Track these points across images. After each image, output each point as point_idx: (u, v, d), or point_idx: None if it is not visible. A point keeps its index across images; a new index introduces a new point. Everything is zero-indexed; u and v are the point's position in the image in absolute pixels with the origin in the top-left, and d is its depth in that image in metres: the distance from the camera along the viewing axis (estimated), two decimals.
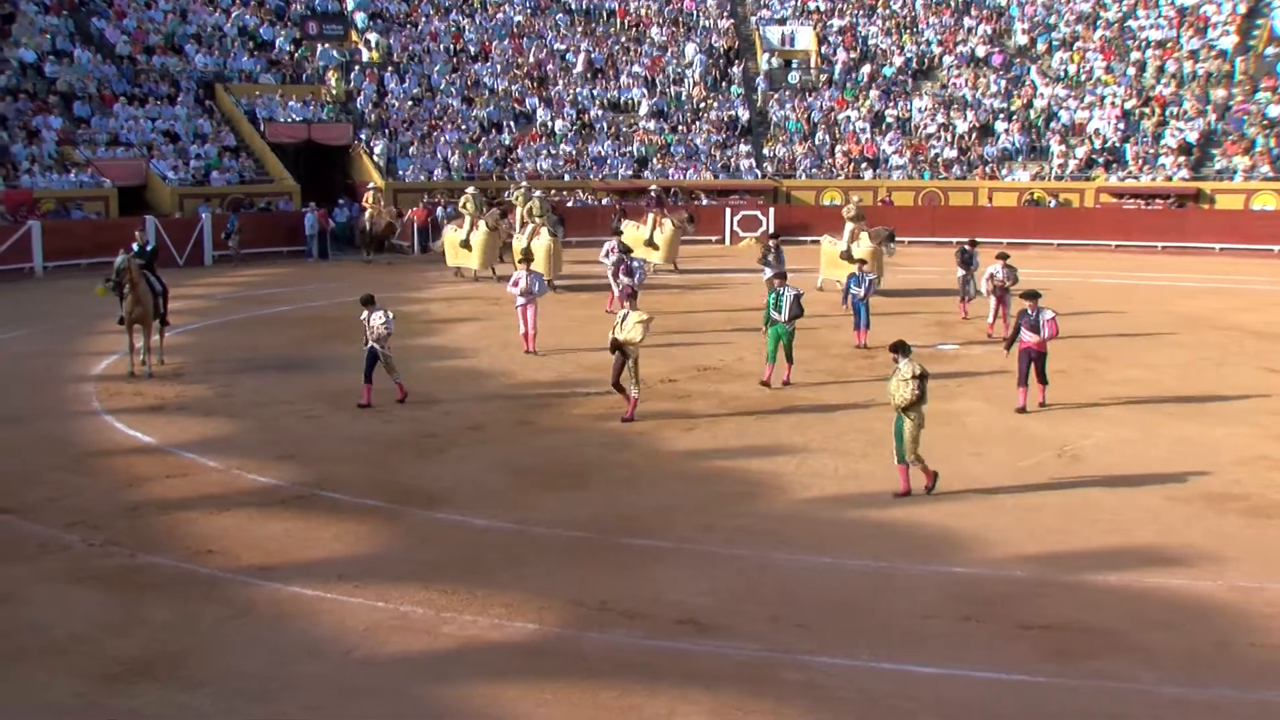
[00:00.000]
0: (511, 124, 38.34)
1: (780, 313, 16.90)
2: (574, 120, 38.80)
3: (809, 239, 32.61)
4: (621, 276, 21.28)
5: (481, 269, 27.66)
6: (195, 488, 12.85)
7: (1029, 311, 15.59)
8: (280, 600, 9.84)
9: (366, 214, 31.72)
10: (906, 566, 10.57)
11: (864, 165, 37.99)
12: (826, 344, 19.97)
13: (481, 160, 36.51)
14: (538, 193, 28.09)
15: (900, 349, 12.31)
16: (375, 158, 35.28)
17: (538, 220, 26.08)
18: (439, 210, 32.89)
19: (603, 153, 37.86)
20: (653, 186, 31.21)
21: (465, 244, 27.65)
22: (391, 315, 16.10)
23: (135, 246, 19.14)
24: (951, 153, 37.78)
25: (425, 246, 32.75)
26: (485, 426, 15.17)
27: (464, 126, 37.55)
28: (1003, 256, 20.54)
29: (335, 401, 16.42)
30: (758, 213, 35.53)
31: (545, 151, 37.48)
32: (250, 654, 8.86)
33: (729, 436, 14.78)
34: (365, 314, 15.96)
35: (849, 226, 24.73)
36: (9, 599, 9.78)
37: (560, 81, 40.03)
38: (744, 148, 38.63)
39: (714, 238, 34.96)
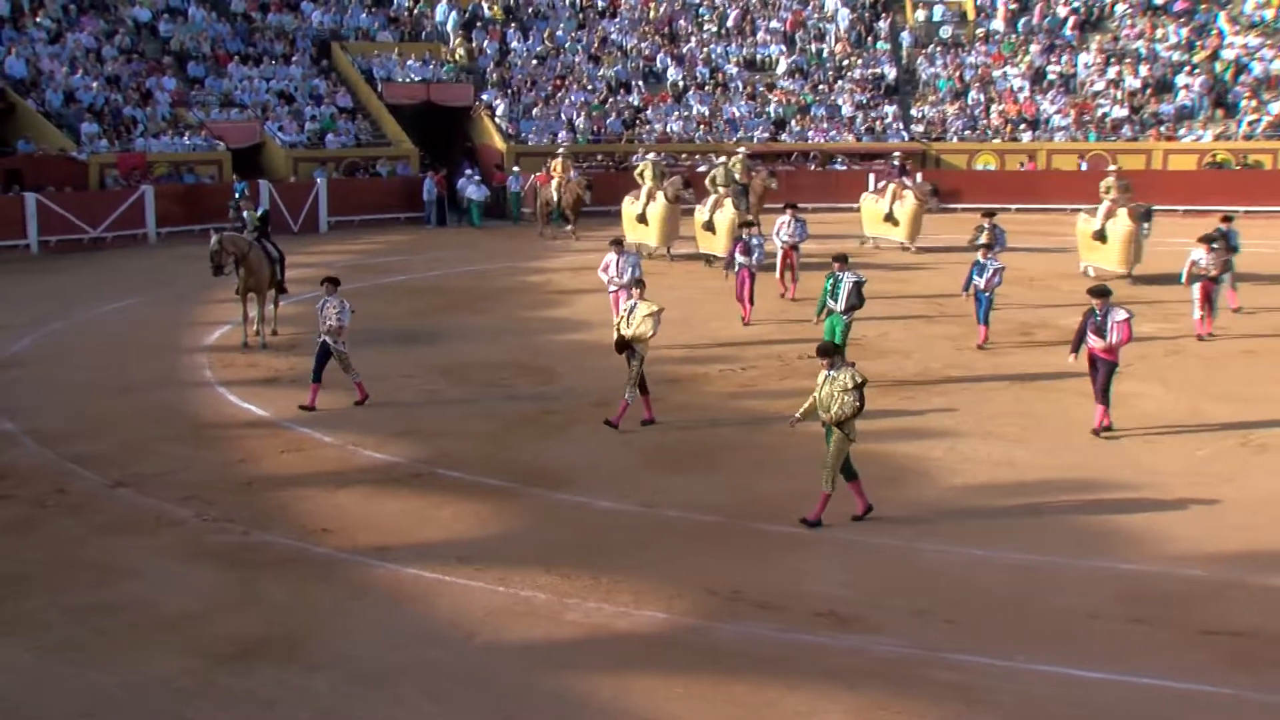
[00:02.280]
0: (641, 83, 38.36)
1: (837, 302, 15.82)
2: (707, 79, 38.64)
3: (960, 207, 32.01)
4: (738, 256, 19.99)
5: (661, 245, 26.11)
6: (310, 464, 13.18)
7: (1096, 311, 13.72)
8: (398, 582, 10.04)
9: (553, 183, 29.86)
10: (1067, 561, 10.32)
11: (1022, 126, 37.08)
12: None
13: (608, 122, 36.61)
14: (725, 159, 27.29)
15: (829, 352, 11.23)
16: (497, 119, 35.65)
17: (721, 191, 24.94)
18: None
19: (737, 114, 37.64)
20: (896, 153, 29.96)
21: (642, 218, 26.13)
22: (350, 306, 15.24)
23: (246, 214, 19.67)
24: (1121, 111, 36.63)
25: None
26: (611, 404, 15.18)
27: (590, 86, 37.68)
28: (1209, 239, 18.39)
29: (455, 375, 16.69)
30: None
31: (676, 113, 37.42)
32: (367, 637, 9.07)
33: (870, 418, 14.51)
34: (321, 299, 15.20)
35: (1105, 202, 23.24)
36: (124, 573, 10.17)
37: (693, 38, 39.88)
38: (890, 108, 38.03)
39: (856, 204, 34.49)
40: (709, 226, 24.60)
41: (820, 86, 38.83)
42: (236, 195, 28.79)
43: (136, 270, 25.54)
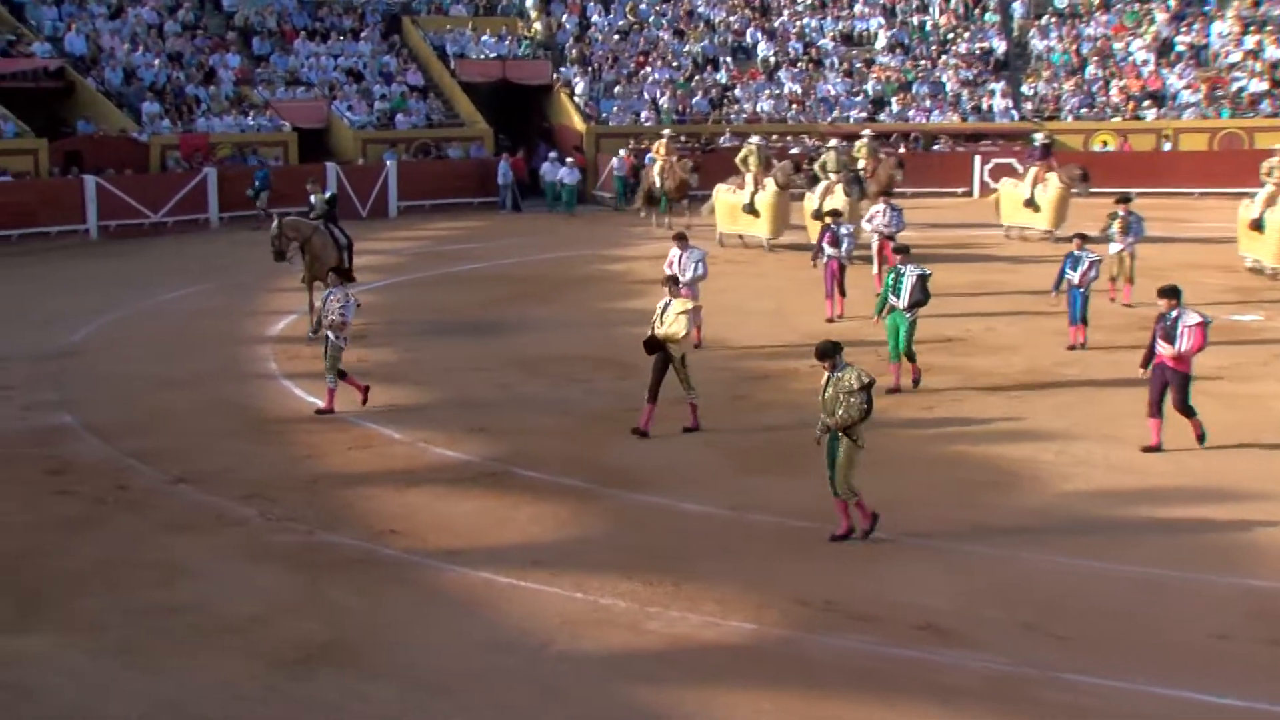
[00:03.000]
0: (729, 60, 38.30)
1: (899, 298, 15.30)
2: (800, 55, 38.45)
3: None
4: (826, 247, 19.54)
5: (774, 236, 25.83)
6: (378, 461, 13.34)
7: (1165, 315, 12.99)
8: (469, 586, 10.13)
9: (656, 166, 29.38)
10: (1193, 576, 10.13)
11: (1146, 103, 36.44)
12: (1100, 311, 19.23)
13: (694, 101, 36.61)
14: (835, 142, 26.62)
15: (830, 353, 10.90)
16: (577, 98, 35.79)
17: (833, 177, 24.57)
18: (648, 158, 33.12)
19: (833, 92, 37.45)
20: (1038, 134, 29.39)
21: (750, 208, 25.73)
22: (355, 300, 15.19)
23: (313, 198, 19.96)
24: (1260, 85, 35.80)
25: (629, 199, 33.04)
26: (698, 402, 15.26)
27: (675, 63, 37.71)
28: None
29: (530, 369, 16.80)
30: (1014, 160, 34.52)
31: (766, 91, 37.30)
32: (436, 644, 9.15)
33: (975, 418, 14.47)
34: (326, 291, 15.18)
35: (1268, 186, 22.38)
36: (185, 573, 10.38)
37: (785, 11, 39.72)
38: (998, 85, 37.57)
39: (960, 189, 34.20)
40: (818, 215, 24.19)
41: (922, 62, 38.48)
42: (256, 184, 29.26)
43: (198, 256, 26.07)
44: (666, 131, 31.16)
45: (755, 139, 27.57)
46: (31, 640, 9.11)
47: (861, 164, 25.83)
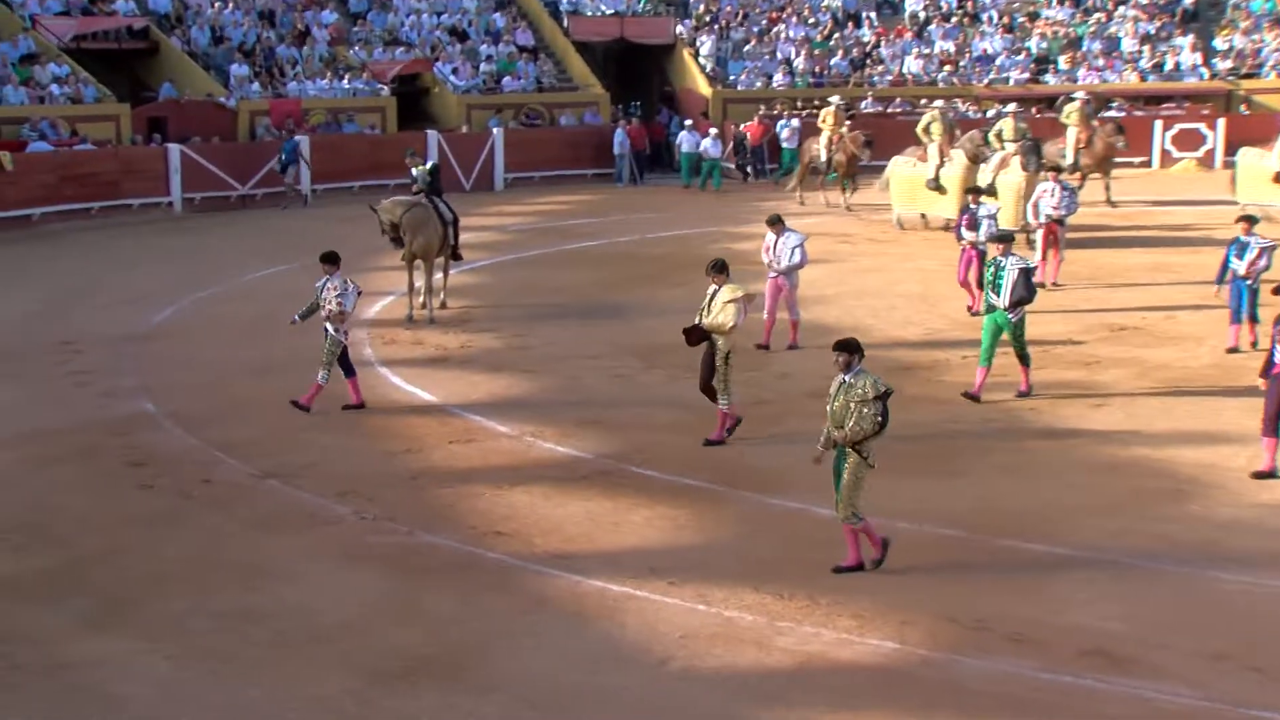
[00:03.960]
0: (873, 15, 37.99)
1: (999, 295, 14.77)
2: (954, 9, 38.00)
3: None
4: (963, 231, 18.86)
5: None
6: (482, 456, 13.51)
7: None
8: (580, 595, 10.20)
9: (822, 137, 28.82)
10: None
11: None
12: None
13: (832, 62, 36.40)
14: (1011, 107, 26.13)
15: (851, 349, 10.51)
16: (702, 59, 35.79)
17: (1009, 147, 23.62)
18: (779, 126, 33.04)
19: (990, 51, 36.92)
20: None
21: (935, 184, 24.70)
22: (355, 288, 15.03)
23: (414, 170, 20.21)
24: None
25: (758, 170, 32.99)
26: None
27: (812, 19, 37.52)
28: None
29: (649, 357, 16.88)
30: (1201, 125, 33.77)
31: (915, 50, 36.92)
32: (545, 657, 9.24)
33: (1152, 417, 14.24)
34: (321, 279, 15.05)
35: None
36: (274, 575, 10.61)
37: None
38: (1185, 39, 36.73)
39: (1138, 159, 33.52)
40: (991, 191, 23.56)
41: (1095, 15, 37.76)
42: (283, 156, 29.39)
43: (288, 231, 26.62)
44: (835, 99, 30.29)
45: (939, 104, 26.84)
46: (112, 643, 9.39)
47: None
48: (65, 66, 30.16)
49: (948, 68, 36.49)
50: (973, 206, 18.97)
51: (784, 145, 32.45)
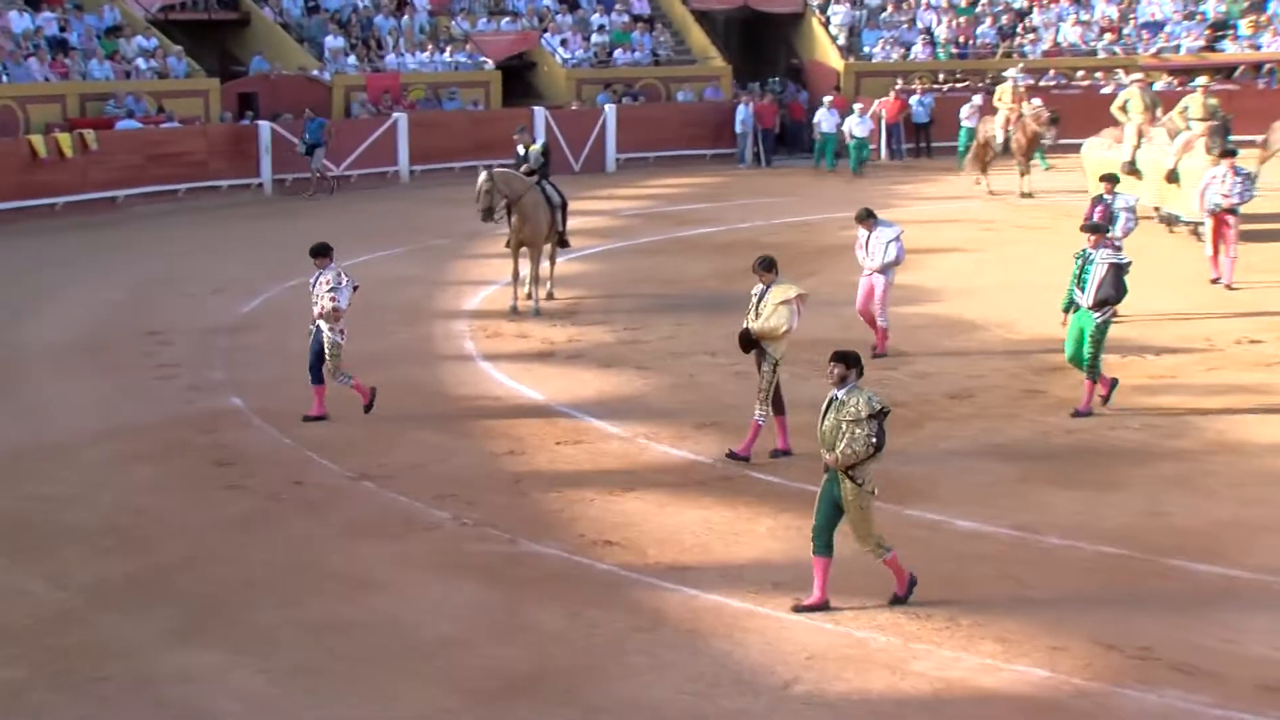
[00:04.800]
0: None
1: (1084, 292, 14.33)
2: None
3: None
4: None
5: (1161, 203, 23.48)
6: (591, 459, 13.54)
7: None
8: (697, 611, 10.18)
9: (998, 116, 28.24)
10: None
11: None
12: None
13: (978, 31, 36.01)
14: (1202, 80, 25.24)
15: (849, 361, 10.22)
16: (833, 29, 35.59)
17: (1195, 127, 22.51)
18: (916, 102, 32.80)
19: (1158, 16, 36.26)
20: None
21: (1131, 167, 23.43)
22: (351, 282, 14.65)
23: (523, 149, 20.28)
24: None
25: (893, 150, 32.75)
26: (976, 395, 15.05)
27: None
28: None
29: None
30: None
31: (1073, 16, 36.37)
32: (659, 678, 9.22)
33: None
34: (314, 274, 14.68)
35: None
36: (368, 585, 10.72)
37: None
38: None
39: None
40: (1173, 177, 22.55)
41: None
42: (306, 136, 29.39)
43: (385, 215, 26.95)
44: (1012, 72, 29.66)
45: (1135, 76, 26.04)
46: (200, 655, 9.52)
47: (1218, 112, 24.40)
48: (153, 39, 30.76)
49: (1109, 35, 35.86)
50: (1107, 197, 18.18)
51: (964, 124, 31.77)
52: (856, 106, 32.29)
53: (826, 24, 35.74)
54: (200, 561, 11.15)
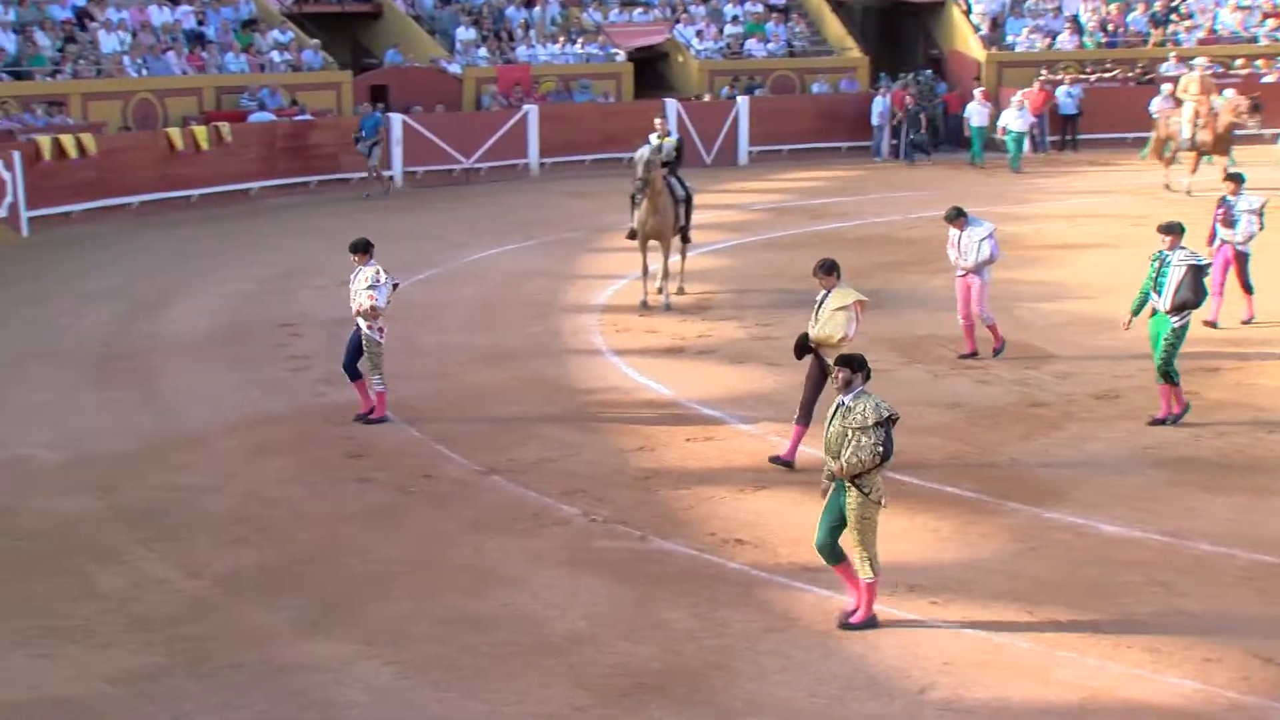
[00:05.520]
0: None
1: (1161, 295, 13.89)
2: None
3: None
4: (1219, 229, 17.52)
5: None
6: (722, 456, 13.55)
7: None
8: (830, 613, 10.14)
9: (1184, 109, 27.20)
10: None
11: None
12: None
13: (1129, 18, 35.36)
14: None
15: (855, 365, 9.90)
16: (974, 17, 35.19)
17: None
18: (1062, 93, 32.34)
19: None
20: None
21: None
22: (391, 279, 14.63)
23: (655, 139, 20.28)
24: None
25: (1036, 143, 32.31)
26: (1121, 396, 14.87)
27: None
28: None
29: (910, 350, 16.82)
30: None
31: (1232, 1, 35.54)
32: (791, 679, 9.21)
33: None
34: (354, 270, 14.69)
35: None
36: (498, 580, 10.81)
37: None
38: None
39: None
40: None
41: None
42: (362, 133, 28.58)
43: (515, 208, 27.18)
44: (1199, 61, 28.78)
45: None
46: (330, 646, 9.69)
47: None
48: (288, 32, 31.28)
49: (1271, 21, 34.95)
50: (1231, 198, 17.60)
51: (1154, 116, 31.03)
52: (1015, 99, 31.77)
53: (968, 13, 35.33)
54: (331, 553, 11.33)
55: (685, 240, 20.08)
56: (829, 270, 13.06)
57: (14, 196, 24.28)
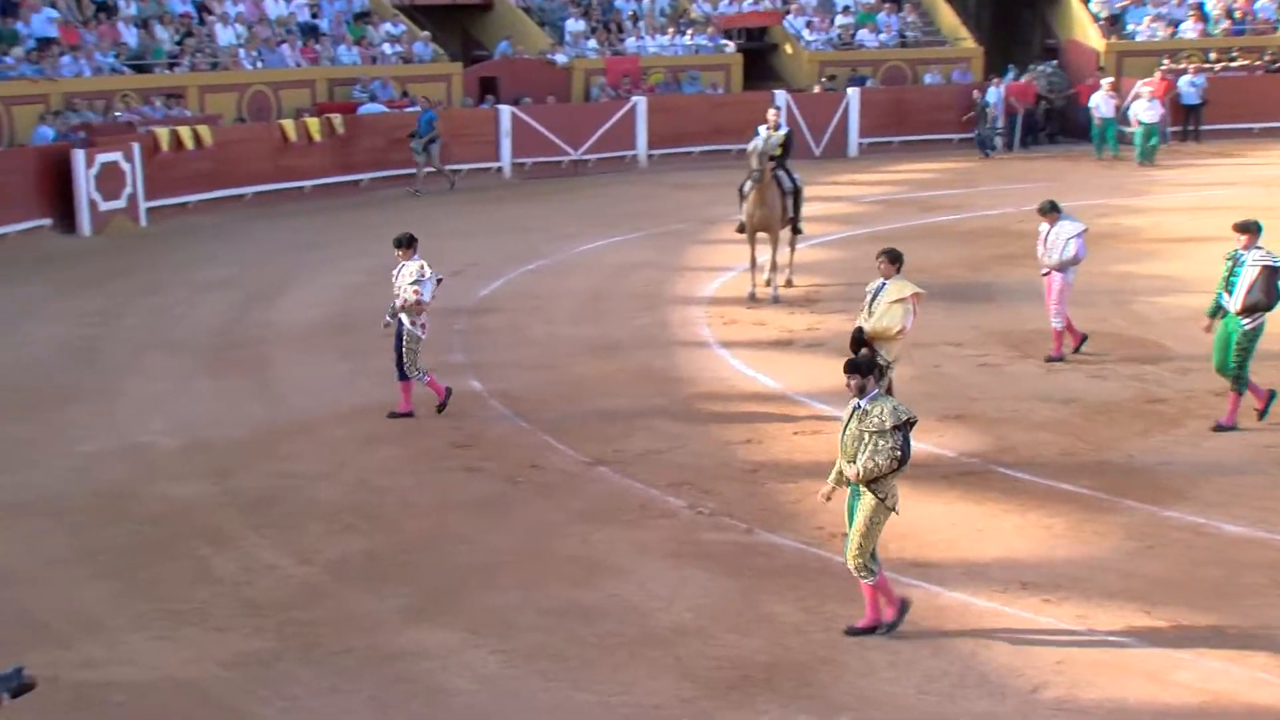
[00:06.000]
0: None
1: (1233, 295, 13.48)
2: None
3: None
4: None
5: None
6: (830, 451, 13.30)
7: None
8: (941, 609, 10.08)
9: None
10: None
11: None
12: None
13: (1257, 5, 34.62)
14: None
15: (864, 369, 9.62)
16: (1093, 7, 34.71)
17: None
18: (1185, 83, 31.81)
19: None
20: None
21: None
22: (432, 275, 14.44)
23: (764, 131, 20.18)
24: None
25: (1162, 135, 31.81)
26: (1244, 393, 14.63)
27: None
28: None
29: (1022, 345, 16.64)
30: None
31: None
32: (900, 676, 9.17)
33: None
34: (398, 264, 14.53)
35: None
36: (605, 570, 10.85)
37: None
38: None
39: None
40: None
41: None
42: (419, 131, 28.24)
43: (623, 200, 27.27)
44: None
45: None
46: (438, 634, 9.78)
47: None
48: (400, 25, 31.57)
49: None
50: None
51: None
52: (1145, 89, 31.29)
53: (1087, 1, 34.84)
54: (439, 541, 11.43)
55: (796, 232, 20.01)
56: (894, 259, 12.84)
57: (133, 188, 24.73)
